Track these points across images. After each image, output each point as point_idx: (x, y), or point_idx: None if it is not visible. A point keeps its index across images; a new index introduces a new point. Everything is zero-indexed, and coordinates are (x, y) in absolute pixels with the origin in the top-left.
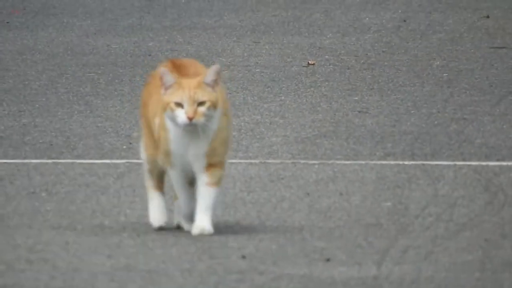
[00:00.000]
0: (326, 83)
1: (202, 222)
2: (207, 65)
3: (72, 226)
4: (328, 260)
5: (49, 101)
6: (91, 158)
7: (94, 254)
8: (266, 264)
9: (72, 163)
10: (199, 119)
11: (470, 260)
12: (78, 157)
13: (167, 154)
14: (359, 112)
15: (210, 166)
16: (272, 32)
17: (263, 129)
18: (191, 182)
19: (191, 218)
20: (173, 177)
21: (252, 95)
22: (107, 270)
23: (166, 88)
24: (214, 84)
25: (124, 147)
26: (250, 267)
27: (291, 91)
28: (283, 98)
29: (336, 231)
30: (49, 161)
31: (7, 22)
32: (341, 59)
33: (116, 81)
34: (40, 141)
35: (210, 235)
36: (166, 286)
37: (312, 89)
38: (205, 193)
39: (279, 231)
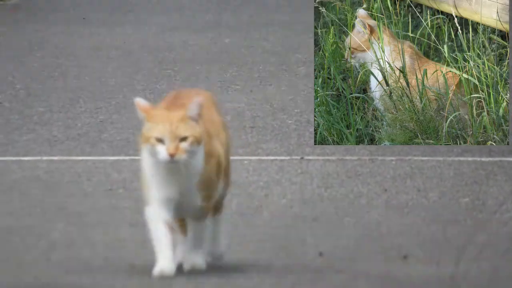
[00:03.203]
0: None
1: (195, 258)
2: (287, 61)
3: None
4: (405, 257)
5: (126, 98)
6: None
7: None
8: (344, 262)
9: None
10: (181, 156)
11: None
12: None
13: (147, 189)
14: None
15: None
16: None
17: None
18: (168, 225)
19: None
20: (149, 215)
21: None
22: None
23: (145, 120)
24: (198, 117)
25: None
26: (327, 265)
27: None
28: None
29: (414, 227)
30: (126, 158)
31: (83, 18)
32: None
33: (193, 78)
34: (117, 138)
35: (204, 271)
36: (243, 285)
37: None
38: (196, 227)
39: (357, 228)
